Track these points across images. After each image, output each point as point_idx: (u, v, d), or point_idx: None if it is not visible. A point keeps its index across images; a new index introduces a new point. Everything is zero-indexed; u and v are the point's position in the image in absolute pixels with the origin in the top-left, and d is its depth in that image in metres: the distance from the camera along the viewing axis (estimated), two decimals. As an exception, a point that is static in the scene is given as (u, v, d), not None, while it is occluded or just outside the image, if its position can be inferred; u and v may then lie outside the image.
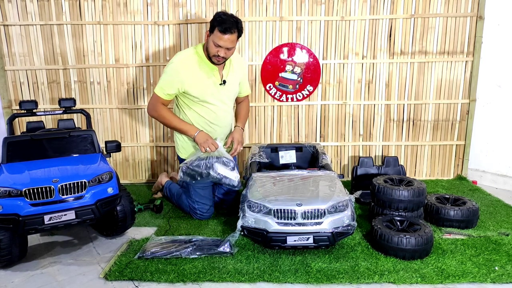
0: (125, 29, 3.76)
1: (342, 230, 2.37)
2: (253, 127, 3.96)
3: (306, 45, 3.77)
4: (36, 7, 3.69)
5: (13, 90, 3.85)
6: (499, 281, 2.17)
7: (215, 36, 2.67)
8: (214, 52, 2.72)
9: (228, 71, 2.93)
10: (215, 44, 2.69)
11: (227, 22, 2.64)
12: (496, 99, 3.73)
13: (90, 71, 3.83)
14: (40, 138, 2.69)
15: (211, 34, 2.70)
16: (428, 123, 3.90)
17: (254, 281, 2.18)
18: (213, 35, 2.69)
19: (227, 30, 2.63)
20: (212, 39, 2.69)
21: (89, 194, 2.41)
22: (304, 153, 3.43)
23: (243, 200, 2.56)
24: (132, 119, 3.93)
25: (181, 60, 2.82)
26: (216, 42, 2.67)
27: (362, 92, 3.86)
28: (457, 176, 3.97)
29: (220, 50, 2.70)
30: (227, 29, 2.63)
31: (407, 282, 2.16)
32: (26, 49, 3.77)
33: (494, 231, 2.74)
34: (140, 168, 4.06)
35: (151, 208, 3.25)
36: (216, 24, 2.65)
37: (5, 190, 2.28)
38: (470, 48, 3.75)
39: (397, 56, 3.78)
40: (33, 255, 2.55)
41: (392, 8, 3.69)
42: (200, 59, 2.82)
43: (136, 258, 2.40)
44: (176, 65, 2.79)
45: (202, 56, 2.83)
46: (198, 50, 2.84)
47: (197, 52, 2.84)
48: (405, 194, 2.67)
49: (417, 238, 2.33)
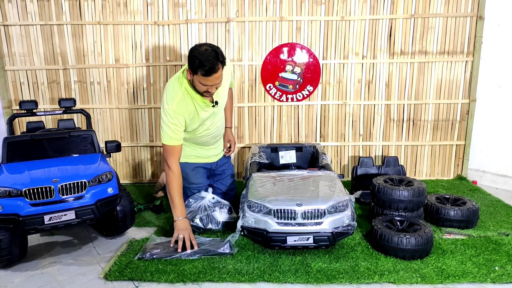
0: (125, 29, 3.76)
1: (342, 230, 2.37)
2: (253, 127, 3.96)
3: (306, 45, 3.77)
4: (36, 7, 3.69)
5: (13, 90, 3.85)
6: (499, 281, 2.17)
7: (199, 78, 2.44)
8: (203, 90, 2.52)
9: (217, 90, 2.69)
10: (203, 84, 2.47)
11: (207, 62, 2.35)
12: (496, 99, 3.73)
13: (90, 71, 3.83)
14: (40, 138, 2.69)
15: (194, 75, 2.46)
16: (428, 123, 3.90)
17: (254, 281, 2.18)
18: (196, 76, 2.44)
19: (211, 71, 2.38)
20: (197, 79, 2.46)
21: (89, 194, 2.41)
22: (304, 153, 3.44)
23: (243, 200, 2.56)
24: (132, 119, 3.93)
25: (178, 103, 2.60)
26: (203, 83, 2.46)
27: (362, 92, 3.86)
28: (457, 176, 3.97)
29: (210, 87, 2.50)
30: (210, 70, 2.38)
31: (407, 282, 2.16)
32: (26, 49, 3.77)
33: (494, 231, 2.74)
34: (140, 168, 4.06)
35: (151, 208, 3.25)
36: (196, 67, 2.39)
37: (5, 190, 2.28)
38: (470, 48, 3.75)
39: (397, 56, 3.78)
40: (33, 255, 2.55)
41: (392, 8, 3.69)
42: (190, 96, 2.62)
43: (136, 259, 2.40)
44: (175, 108, 2.59)
45: (191, 91, 2.61)
46: (186, 87, 2.61)
47: (186, 89, 2.61)
48: (405, 194, 2.67)
49: (417, 238, 2.33)
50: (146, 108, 3.90)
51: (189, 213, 2.77)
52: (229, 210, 2.86)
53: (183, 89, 2.61)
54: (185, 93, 2.62)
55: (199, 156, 2.99)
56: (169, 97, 2.61)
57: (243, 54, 3.80)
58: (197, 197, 2.87)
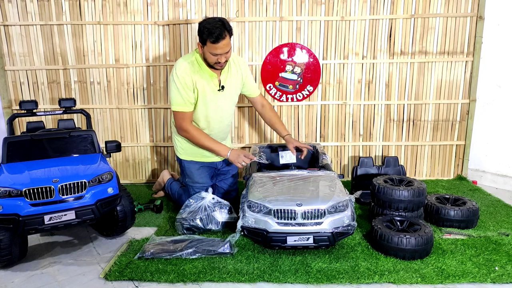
0: (125, 29, 3.76)
1: (342, 230, 2.37)
2: (253, 127, 3.96)
3: (306, 45, 3.78)
4: (36, 7, 3.69)
5: (13, 90, 3.85)
6: (499, 281, 2.17)
7: (209, 47, 2.65)
8: (214, 60, 2.71)
9: (226, 76, 2.91)
10: (213, 54, 2.67)
11: (215, 30, 2.59)
12: (496, 99, 3.73)
13: (90, 71, 3.83)
14: (40, 138, 2.69)
15: (204, 46, 2.68)
16: (428, 123, 3.90)
17: (254, 281, 2.19)
18: (206, 47, 2.66)
19: (219, 38, 2.60)
20: (208, 50, 2.67)
21: (89, 194, 2.41)
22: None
23: (243, 200, 2.56)
24: (132, 119, 3.93)
25: (186, 67, 2.77)
26: (213, 52, 2.66)
27: (362, 92, 3.86)
28: (457, 176, 3.97)
29: (220, 57, 2.69)
30: (218, 37, 2.59)
31: (407, 282, 2.16)
32: (26, 49, 3.77)
33: (494, 231, 2.74)
34: (140, 168, 4.06)
35: (151, 208, 3.25)
36: (206, 37, 2.62)
37: (5, 190, 2.28)
38: (470, 48, 3.75)
39: (397, 56, 3.78)
40: (33, 255, 2.55)
41: (392, 8, 3.70)
42: (200, 67, 2.81)
43: (136, 259, 2.40)
44: (185, 72, 2.75)
45: (201, 63, 2.81)
46: (197, 58, 2.81)
47: (196, 60, 2.81)
48: (405, 194, 2.67)
49: (417, 238, 2.33)
50: (146, 108, 3.90)
51: (189, 214, 2.77)
52: (229, 210, 2.86)
53: (194, 58, 2.82)
54: (195, 62, 2.81)
55: (204, 154, 3.00)
56: (179, 62, 2.81)
57: (243, 54, 3.80)
58: (197, 197, 2.87)
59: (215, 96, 2.87)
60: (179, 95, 2.77)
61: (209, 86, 2.83)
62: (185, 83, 2.75)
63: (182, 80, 2.74)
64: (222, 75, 2.89)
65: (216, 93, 2.86)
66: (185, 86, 2.75)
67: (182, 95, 2.76)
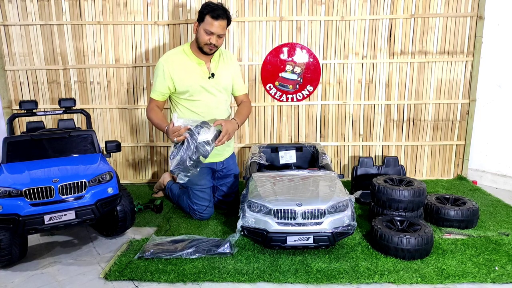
0: (125, 29, 3.76)
1: (342, 230, 2.37)
2: (253, 127, 3.96)
3: (306, 45, 3.77)
4: (36, 7, 3.69)
5: (13, 90, 3.85)
6: (499, 281, 2.17)
7: (206, 23, 2.72)
8: (205, 40, 2.75)
9: (217, 64, 2.94)
10: (207, 31, 2.73)
11: (218, 9, 2.72)
12: (496, 99, 3.73)
13: (90, 71, 3.83)
14: (40, 138, 2.69)
15: (201, 23, 2.75)
16: (428, 123, 3.90)
17: (254, 281, 2.18)
18: (203, 23, 2.74)
19: (219, 16, 2.70)
20: (203, 27, 2.74)
21: (89, 194, 2.41)
22: (304, 153, 3.44)
23: (243, 200, 2.56)
24: (132, 119, 3.93)
25: (167, 57, 2.87)
26: (208, 29, 2.72)
27: (362, 92, 3.86)
28: (457, 176, 3.97)
29: (212, 37, 2.74)
30: (219, 15, 2.70)
31: (407, 282, 2.15)
32: (26, 49, 3.77)
33: (494, 231, 2.74)
34: (140, 168, 4.06)
35: (151, 208, 3.25)
36: (206, 12, 2.71)
37: (5, 190, 2.28)
38: (470, 48, 3.75)
39: (397, 56, 3.78)
40: (33, 255, 2.55)
41: (392, 8, 3.70)
42: (187, 55, 2.88)
43: (136, 259, 2.40)
44: (163, 63, 2.84)
45: (188, 52, 2.88)
46: (185, 48, 2.90)
47: (184, 49, 2.90)
48: (405, 194, 2.67)
49: (417, 238, 2.33)
50: (146, 108, 3.89)
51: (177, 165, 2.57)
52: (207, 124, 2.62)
53: (180, 49, 2.91)
54: (181, 52, 2.89)
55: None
56: (164, 55, 2.92)
57: (243, 54, 3.80)
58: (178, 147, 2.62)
59: (206, 82, 2.89)
60: (154, 83, 2.90)
61: (196, 73, 2.87)
62: (160, 75, 2.83)
63: (160, 70, 2.84)
64: (212, 63, 2.92)
65: (206, 81, 2.89)
66: (159, 77, 2.84)
67: (156, 84, 2.87)
